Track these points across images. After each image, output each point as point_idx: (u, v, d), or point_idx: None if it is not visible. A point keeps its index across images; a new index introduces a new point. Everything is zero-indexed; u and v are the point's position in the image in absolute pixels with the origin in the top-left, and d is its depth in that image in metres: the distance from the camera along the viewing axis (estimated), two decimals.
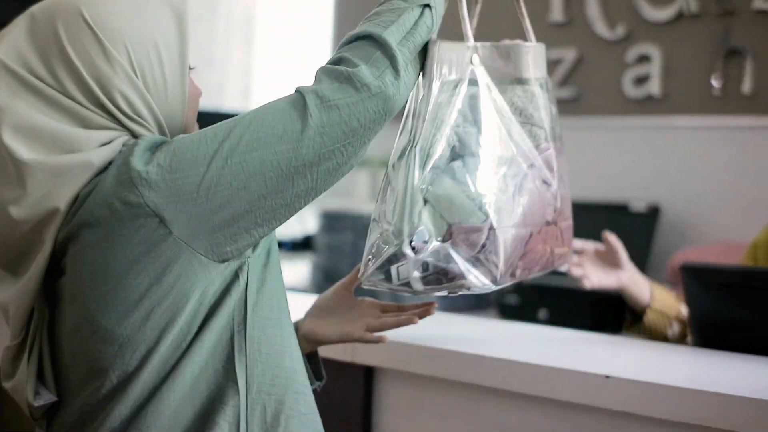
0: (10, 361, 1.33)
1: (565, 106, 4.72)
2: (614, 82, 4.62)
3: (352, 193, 5.34)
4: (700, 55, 4.38)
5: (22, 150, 1.25)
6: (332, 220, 4.88)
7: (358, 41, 1.33)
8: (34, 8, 1.34)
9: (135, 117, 1.31)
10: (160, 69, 1.32)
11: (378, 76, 1.29)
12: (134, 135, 1.31)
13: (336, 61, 1.32)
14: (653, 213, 4.34)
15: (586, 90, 4.74)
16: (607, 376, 1.39)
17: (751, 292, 1.64)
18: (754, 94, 4.23)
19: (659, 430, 1.35)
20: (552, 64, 4.74)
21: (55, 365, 1.31)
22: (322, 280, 4.84)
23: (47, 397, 1.30)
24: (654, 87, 4.50)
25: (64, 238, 1.25)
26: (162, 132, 1.35)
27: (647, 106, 4.54)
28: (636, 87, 4.56)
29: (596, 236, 4.30)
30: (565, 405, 1.45)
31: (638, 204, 4.40)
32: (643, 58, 4.54)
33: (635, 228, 4.33)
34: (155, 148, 1.26)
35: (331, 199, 5.12)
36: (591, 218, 4.39)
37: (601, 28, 4.65)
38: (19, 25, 1.32)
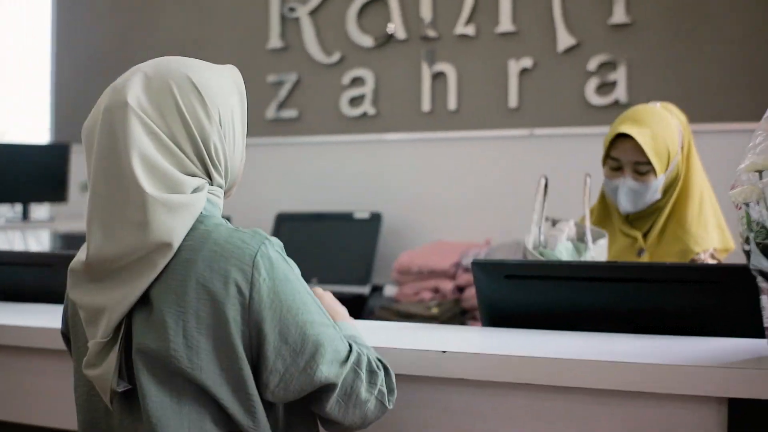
0: (95, 354, 1.54)
1: (288, 126, 5.12)
2: (332, 102, 5.06)
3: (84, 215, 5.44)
4: (408, 77, 4.91)
5: (145, 183, 1.48)
6: (69, 242, 5.00)
7: None
8: (145, 68, 1.58)
9: (218, 165, 1.59)
10: (232, 130, 1.61)
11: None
12: (212, 181, 1.59)
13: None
14: (376, 219, 4.79)
15: (306, 111, 5.14)
16: (443, 351, 1.77)
17: (529, 281, 2.09)
18: (458, 111, 4.81)
19: (489, 390, 1.75)
20: (273, 87, 5.12)
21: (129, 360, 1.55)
22: None
23: (124, 385, 1.53)
24: (368, 106, 4.98)
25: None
26: (227, 177, 1.63)
27: (363, 123, 5.02)
28: (352, 107, 5.02)
29: (325, 244, 4.74)
30: (409, 378, 1.81)
31: (362, 212, 4.85)
32: (358, 80, 5.01)
33: (360, 234, 4.77)
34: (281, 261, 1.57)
35: (67, 222, 5.22)
36: (320, 227, 4.81)
37: (317, 54, 5.08)
38: (135, 81, 1.56)
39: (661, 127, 2.59)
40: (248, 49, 5.20)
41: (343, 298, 1.89)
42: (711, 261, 2.59)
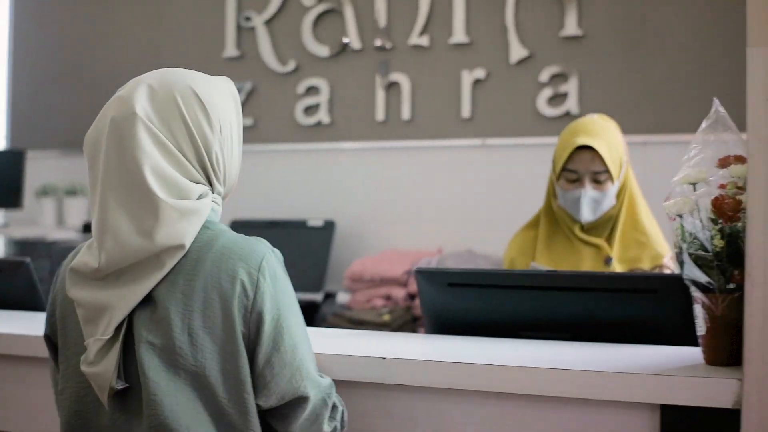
0: (96, 351, 1.57)
1: (243, 135, 5.13)
2: (287, 111, 5.08)
3: (39, 221, 5.44)
4: (363, 86, 4.95)
5: (158, 190, 1.54)
6: (23, 248, 4.97)
7: None
8: (148, 80, 1.63)
9: (218, 173, 1.65)
10: (230, 139, 1.67)
11: None
12: (213, 189, 1.65)
13: None
14: (329, 227, 4.83)
15: (261, 119, 5.16)
16: (383, 358, 1.80)
17: (470, 288, 2.12)
18: (412, 120, 4.85)
19: (428, 395, 1.78)
20: None
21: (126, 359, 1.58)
22: None
23: (122, 383, 1.56)
24: (323, 115, 5.01)
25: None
26: (225, 185, 1.69)
27: (317, 132, 5.05)
28: (307, 116, 5.05)
29: (280, 250, 4.75)
30: (351, 384, 1.83)
31: (315, 220, 4.88)
32: (313, 90, 5.04)
33: (314, 241, 4.80)
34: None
35: (22, 228, 5.20)
36: (273, 234, 4.81)
37: (272, 63, 5.10)
38: (141, 91, 1.60)
39: (611, 137, 2.70)
40: (204, 58, 5.22)
41: None
42: (673, 264, 2.66)
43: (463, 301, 2.13)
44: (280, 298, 1.61)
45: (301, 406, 1.63)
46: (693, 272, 1.66)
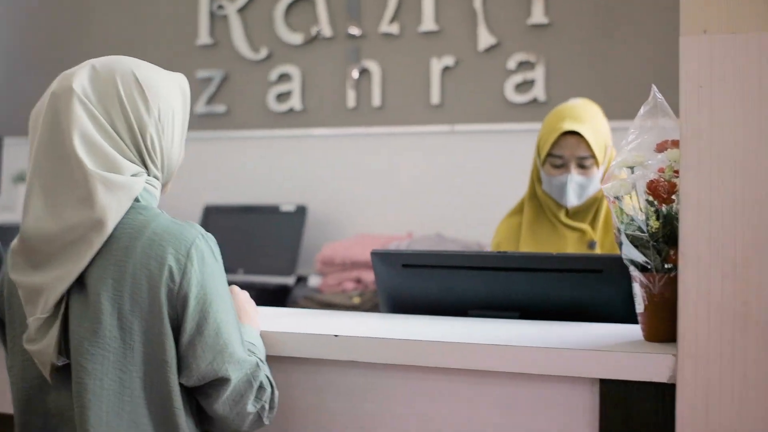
0: (36, 329, 1.62)
1: (217, 121, 5.18)
2: (260, 98, 5.13)
3: (16, 207, 5.47)
4: (334, 73, 5.00)
5: (86, 159, 1.60)
6: (3, 232, 5.00)
7: None
8: (95, 61, 1.70)
9: (154, 156, 1.69)
10: (172, 126, 1.72)
11: None
12: (149, 172, 1.69)
13: None
14: (301, 212, 4.88)
15: (234, 106, 5.21)
16: (336, 335, 1.86)
17: (424, 269, 2.19)
18: (382, 107, 4.91)
19: (378, 371, 1.84)
20: (202, 83, 5.18)
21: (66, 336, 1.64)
22: None
23: (63, 360, 1.63)
24: (296, 102, 5.06)
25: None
26: (163, 171, 1.73)
27: (290, 119, 5.10)
28: (279, 102, 5.09)
29: (252, 235, 4.81)
30: (304, 361, 1.90)
31: (288, 205, 4.93)
32: (285, 77, 5.09)
33: (286, 226, 4.86)
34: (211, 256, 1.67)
35: (0, 214, 5.24)
36: (246, 219, 4.88)
37: (245, 50, 5.14)
38: (83, 71, 1.67)
39: (597, 121, 2.72)
40: (178, 46, 5.25)
41: (268, 288, 1.98)
42: None
43: (417, 281, 2.20)
44: (207, 282, 1.65)
45: (222, 387, 1.67)
46: (631, 252, 1.73)
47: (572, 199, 2.68)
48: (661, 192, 1.69)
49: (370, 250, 4.43)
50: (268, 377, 1.75)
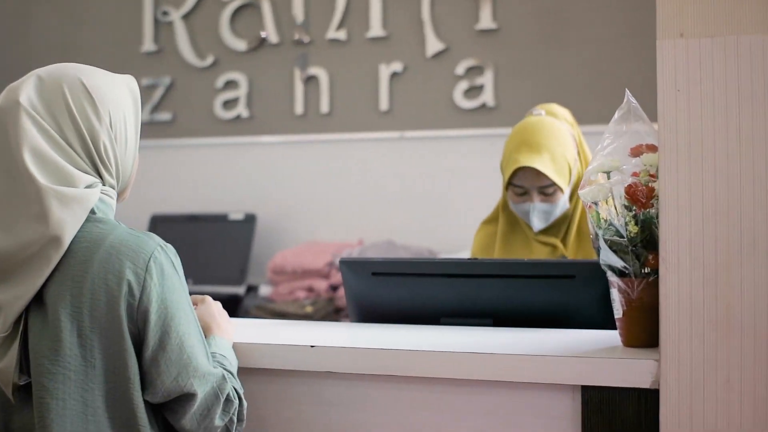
0: None
1: (162, 129, 5.12)
2: (206, 105, 5.08)
3: None
4: (282, 80, 4.96)
5: (38, 175, 1.55)
6: None
7: None
8: (40, 72, 1.64)
9: (108, 165, 1.63)
10: (124, 132, 1.67)
11: None
12: (104, 182, 1.64)
13: None
14: (250, 220, 4.84)
15: (180, 113, 5.15)
16: (312, 346, 1.84)
17: (394, 277, 2.17)
18: (330, 113, 4.89)
19: (356, 382, 1.82)
20: (147, 91, 5.11)
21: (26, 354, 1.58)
22: None
23: (25, 378, 1.58)
24: (242, 109, 5.01)
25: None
26: (119, 179, 1.68)
27: (237, 126, 5.05)
28: (226, 110, 5.05)
29: (201, 244, 4.76)
30: (280, 372, 1.87)
31: (236, 213, 4.88)
32: (231, 84, 5.04)
33: (235, 235, 4.81)
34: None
35: None
36: (194, 228, 4.83)
37: (191, 57, 5.09)
38: (29, 82, 1.62)
39: (556, 144, 2.56)
40: (122, 53, 5.18)
41: (218, 298, 1.94)
42: None
43: (387, 289, 2.18)
44: (167, 296, 1.61)
45: (189, 402, 1.64)
46: (609, 257, 1.73)
47: (537, 225, 2.59)
48: (640, 197, 1.69)
49: (320, 258, 4.46)
50: (235, 389, 1.71)
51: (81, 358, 1.57)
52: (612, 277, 1.75)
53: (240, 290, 4.63)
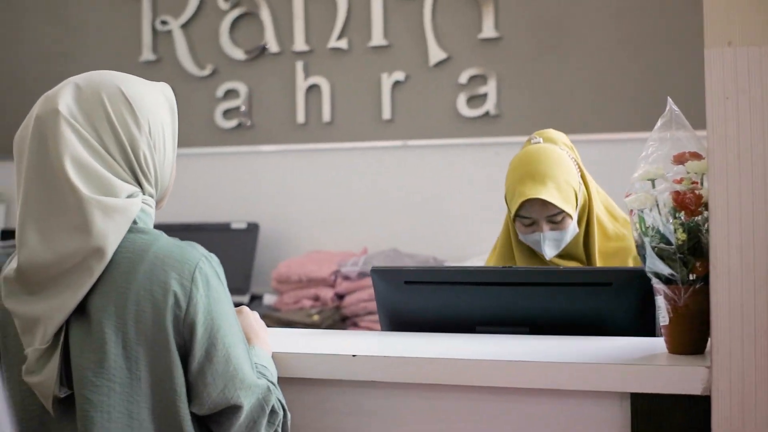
0: (35, 361, 1.55)
1: None
2: (207, 115, 5.06)
3: None
4: (283, 89, 4.95)
5: (80, 184, 1.52)
6: None
7: None
8: (77, 79, 1.61)
9: (148, 174, 1.61)
10: (163, 140, 1.65)
11: None
12: (143, 191, 1.61)
13: None
14: (253, 229, 4.83)
15: (180, 123, 5.06)
16: (354, 355, 1.83)
17: (427, 286, 2.17)
18: (332, 122, 4.88)
19: (398, 391, 1.81)
20: None
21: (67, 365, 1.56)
22: None
23: (65, 391, 1.55)
24: (242, 118, 5.00)
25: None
26: (157, 188, 1.65)
27: (238, 135, 5.03)
28: (226, 119, 5.03)
29: None
30: (321, 382, 1.85)
31: (239, 222, 4.86)
32: (232, 93, 5.03)
33: (238, 244, 4.80)
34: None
35: None
36: (196, 238, 4.78)
37: (190, 66, 5.07)
38: (66, 91, 1.59)
39: (560, 171, 2.51)
40: (120, 62, 5.14)
41: None
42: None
43: (420, 298, 2.18)
44: (213, 307, 1.60)
45: (235, 415, 1.62)
46: (656, 265, 1.73)
47: (549, 253, 2.50)
48: (689, 204, 1.69)
49: (326, 267, 4.45)
50: (280, 401, 1.70)
51: (126, 371, 1.55)
52: (658, 285, 1.75)
53: (244, 299, 4.62)
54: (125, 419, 1.56)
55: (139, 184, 1.63)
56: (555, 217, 2.48)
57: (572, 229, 2.50)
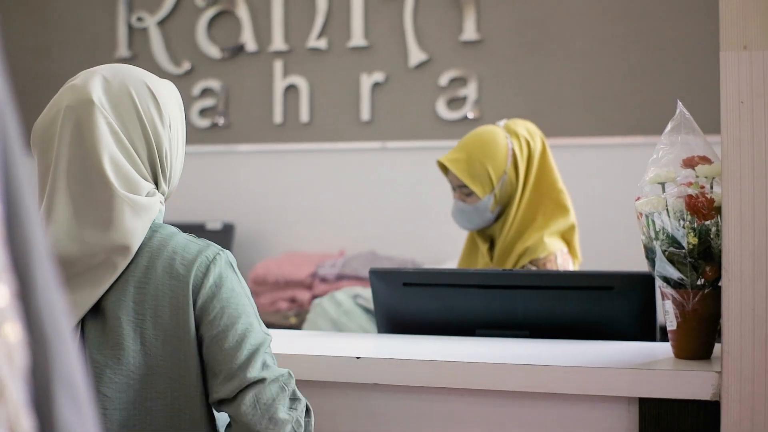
0: None
1: None
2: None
3: None
4: (260, 88, 4.91)
5: (115, 181, 1.51)
6: None
7: None
8: (102, 71, 1.58)
9: (166, 171, 1.60)
10: (177, 138, 1.63)
11: None
12: (158, 188, 1.60)
13: None
14: (228, 230, 4.77)
15: None
16: (357, 357, 1.80)
17: (426, 288, 2.14)
18: (310, 123, 4.84)
19: (402, 394, 1.78)
20: None
21: None
22: None
23: None
24: (219, 117, 4.95)
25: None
26: (169, 185, 1.64)
27: (213, 134, 4.98)
28: (201, 118, 4.97)
29: None
30: (324, 384, 1.82)
31: (214, 222, 4.81)
32: (208, 91, 4.98)
33: None
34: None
35: None
36: None
37: (166, 64, 5.01)
38: (95, 82, 1.55)
39: (481, 151, 2.59)
40: (96, 59, 5.05)
41: None
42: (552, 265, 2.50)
43: (419, 300, 2.16)
44: (231, 300, 1.58)
45: (252, 389, 1.56)
46: (665, 269, 1.72)
47: (460, 223, 2.63)
48: (701, 208, 1.68)
49: (303, 269, 4.41)
50: (305, 398, 1.64)
51: (144, 366, 1.54)
52: (666, 289, 1.74)
53: None
54: (142, 415, 1.54)
55: (155, 182, 1.62)
56: (463, 189, 2.60)
57: (482, 208, 2.56)
